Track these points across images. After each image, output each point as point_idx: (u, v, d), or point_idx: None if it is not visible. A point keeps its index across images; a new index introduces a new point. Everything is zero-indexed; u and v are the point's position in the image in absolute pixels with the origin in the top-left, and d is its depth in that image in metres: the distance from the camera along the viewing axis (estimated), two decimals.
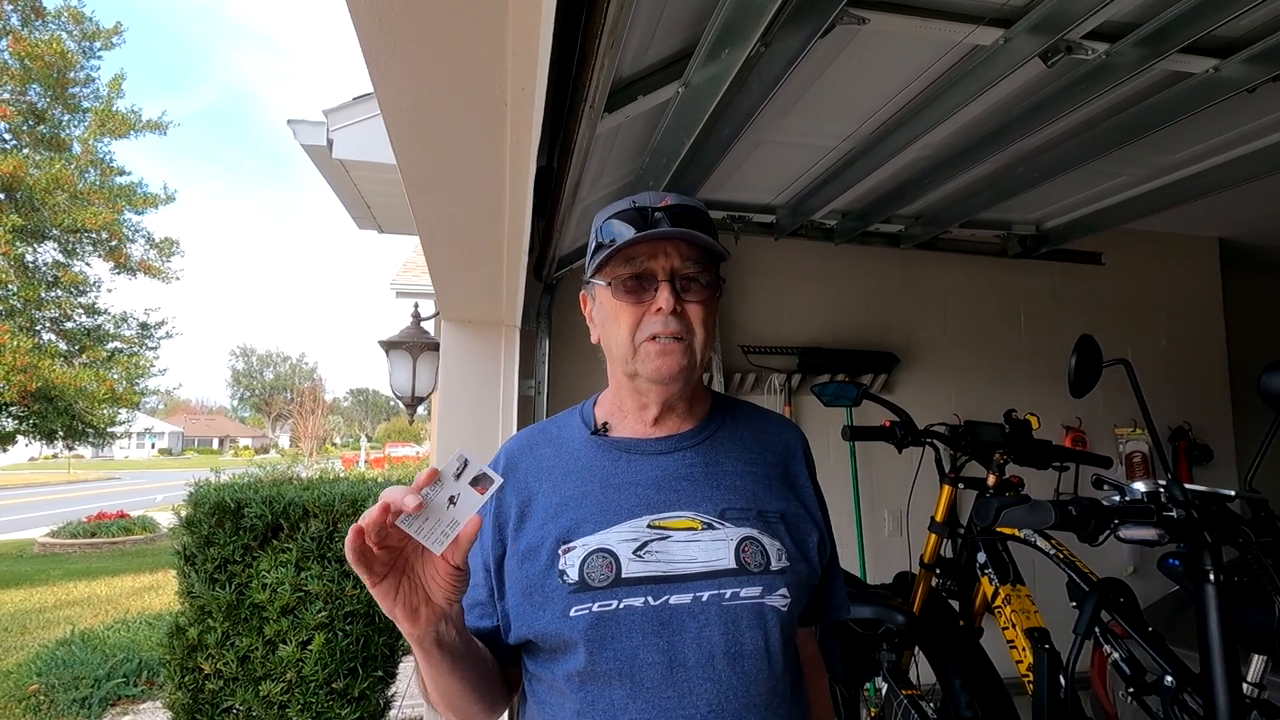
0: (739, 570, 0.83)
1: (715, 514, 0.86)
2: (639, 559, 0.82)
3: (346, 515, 2.68)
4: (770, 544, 0.86)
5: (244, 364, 67.53)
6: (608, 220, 0.90)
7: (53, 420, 11.33)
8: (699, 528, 0.85)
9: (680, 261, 0.87)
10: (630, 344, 0.88)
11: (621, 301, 0.88)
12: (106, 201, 11.99)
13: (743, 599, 0.81)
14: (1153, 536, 1.14)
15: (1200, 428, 3.75)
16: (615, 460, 0.90)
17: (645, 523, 0.84)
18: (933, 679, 1.94)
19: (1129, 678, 1.44)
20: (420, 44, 1.00)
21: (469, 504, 0.67)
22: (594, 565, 0.81)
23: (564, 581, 0.81)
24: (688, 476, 0.89)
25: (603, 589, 0.80)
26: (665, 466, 0.89)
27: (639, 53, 1.72)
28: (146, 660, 4.65)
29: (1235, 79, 1.83)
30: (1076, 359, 1.34)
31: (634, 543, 0.83)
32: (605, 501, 0.86)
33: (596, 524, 0.84)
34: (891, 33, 1.70)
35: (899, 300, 3.55)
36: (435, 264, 2.17)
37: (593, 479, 0.89)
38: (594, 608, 0.79)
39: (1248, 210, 3.46)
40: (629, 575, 0.81)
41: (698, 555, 0.83)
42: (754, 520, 0.87)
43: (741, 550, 0.84)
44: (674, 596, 0.80)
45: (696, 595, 0.81)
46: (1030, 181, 2.60)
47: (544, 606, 0.81)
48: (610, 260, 0.88)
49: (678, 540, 0.84)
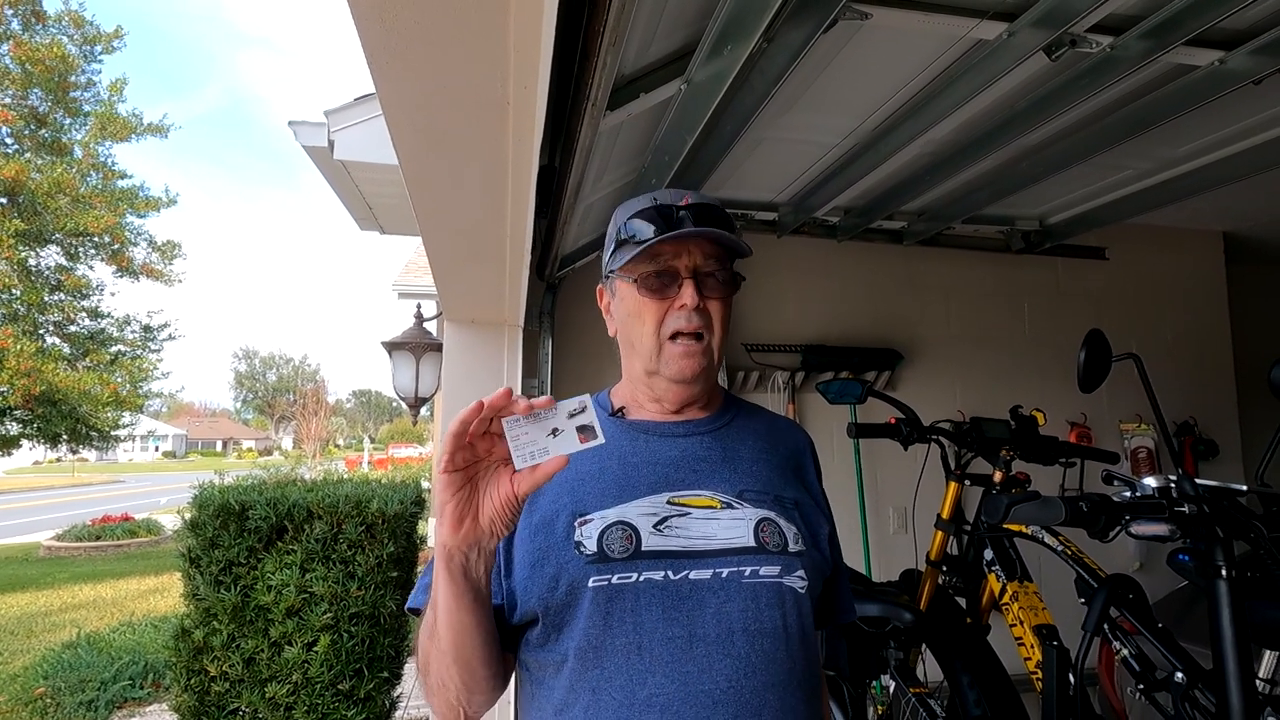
0: (758, 549, 0.84)
1: (734, 494, 0.87)
2: (659, 533, 0.82)
3: (350, 516, 2.68)
4: (787, 527, 0.87)
5: (247, 366, 67.71)
6: (630, 218, 0.91)
7: (57, 424, 11.36)
8: (718, 506, 0.86)
9: (702, 259, 0.89)
10: (655, 340, 0.89)
11: (646, 298, 0.89)
12: (108, 205, 12.00)
13: (762, 577, 0.82)
14: (1164, 532, 1.13)
15: (1206, 422, 3.74)
16: (634, 440, 0.91)
17: (665, 499, 0.85)
18: (940, 677, 1.93)
19: (1139, 674, 1.43)
20: (422, 43, 0.99)
21: (565, 444, 0.67)
22: (613, 537, 0.82)
23: (580, 553, 0.81)
24: (706, 458, 0.90)
25: (622, 561, 0.80)
26: (684, 448, 0.91)
27: (641, 50, 1.71)
28: (152, 663, 4.67)
29: (1241, 71, 1.82)
30: (1086, 354, 1.33)
31: (654, 517, 0.83)
32: (623, 477, 0.86)
33: (615, 498, 0.84)
34: (894, 27, 1.69)
35: (902, 297, 3.54)
36: (438, 264, 2.17)
37: (610, 456, 0.89)
38: (613, 580, 0.79)
39: (1252, 204, 3.44)
40: (649, 549, 0.81)
41: (718, 533, 0.84)
42: (771, 503, 0.88)
43: (760, 530, 0.85)
44: (694, 572, 0.81)
45: (716, 571, 0.81)
46: (1034, 177, 2.59)
47: (557, 578, 0.80)
48: (635, 257, 0.89)
49: (697, 518, 0.84)
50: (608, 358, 3.20)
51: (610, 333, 0.98)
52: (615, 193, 2.61)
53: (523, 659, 0.87)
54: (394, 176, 2.77)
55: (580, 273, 3.14)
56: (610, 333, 0.98)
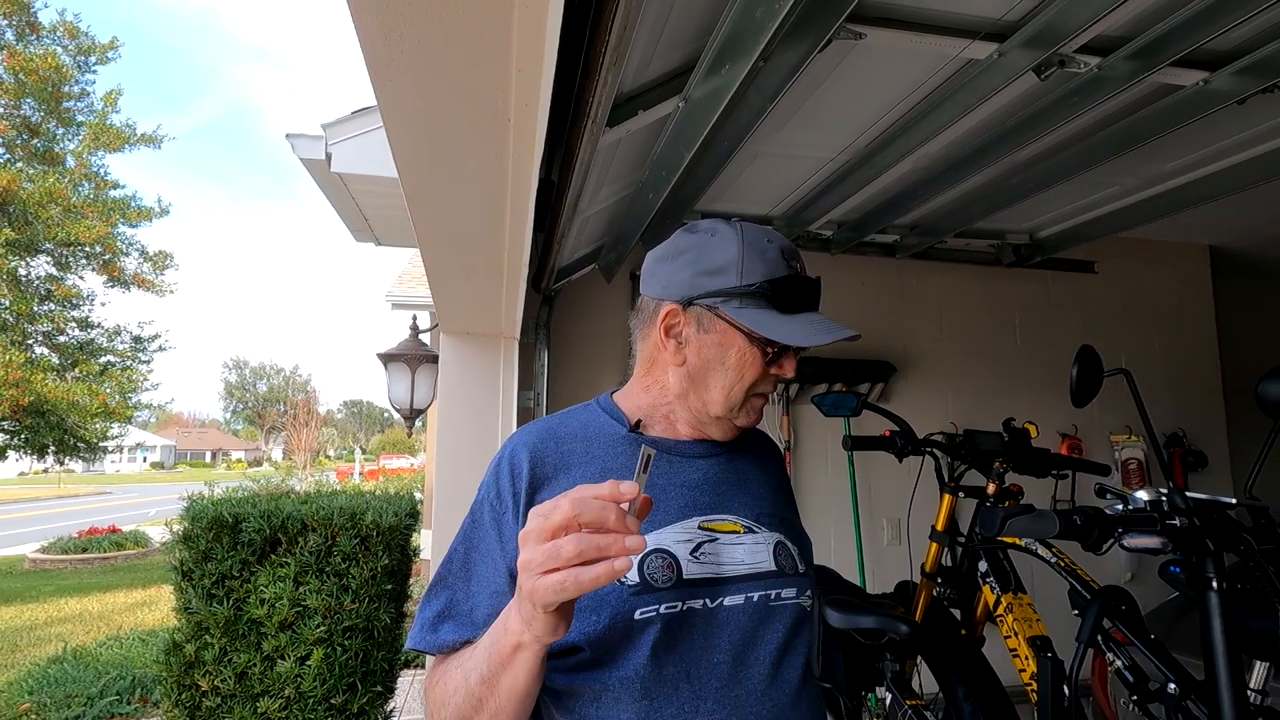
0: (778, 572, 0.86)
1: (752, 518, 0.89)
2: (696, 560, 0.82)
3: (345, 529, 2.67)
4: (793, 549, 0.90)
5: (237, 376, 67.29)
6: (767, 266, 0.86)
7: (44, 435, 11.25)
8: (740, 531, 0.87)
9: None
10: (743, 394, 0.88)
11: (755, 360, 0.86)
12: (100, 215, 11.96)
13: (785, 599, 0.85)
14: (1157, 545, 1.15)
15: (1194, 434, 3.78)
16: (656, 461, 0.87)
17: (695, 524, 0.84)
18: (936, 688, 1.94)
19: (1132, 685, 1.44)
20: (426, 60, 1.01)
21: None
22: (655, 566, 0.80)
23: (622, 583, 0.77)
24: (725, 481, 0.90)
25: (666, 590, 0.79)
26: (705, 470, 0.90)
27: (641, 68, 1.74)
28: (140, 678, 4.60)
29: (1225, 91, 1.86)
30: (1078, 369, 1.35)
31: (689, 544, 0.82)
32: (652, 501, 0.82)
33: (647, 524, 0.81)
34: (888, 47, 1.72)
35: (895, 309, 3.57)
36: (435, 276, 2.18)
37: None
38: (661, 610, 0.78)
39: (1238, 219, 3.50)
40: (690, 576, 0.80)
41: (744, 558, 0.85)
42: (780, 525, 0.91)
43: (778, 553, 0.87)
44: (728, 598, 0.81)
45: (748, 596, 0.82)
46: (1024, 192, 2.63)
47: (596, 610, 0.77)
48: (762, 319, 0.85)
49: (725, 543, 0.85)
50: (603, 370, 3.21)
51: (676, 362, 0.89)
52: (613, 206, 2.63)
53: (550, 685, 0.80)
54: (391, 189, 2.79)
55: (577, 285, 3.16)
56: (676, 362, 0.89)
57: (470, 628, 0.80)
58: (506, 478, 0.85)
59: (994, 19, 1.66)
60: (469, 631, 0.80)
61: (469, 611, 0.82)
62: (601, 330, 3.23)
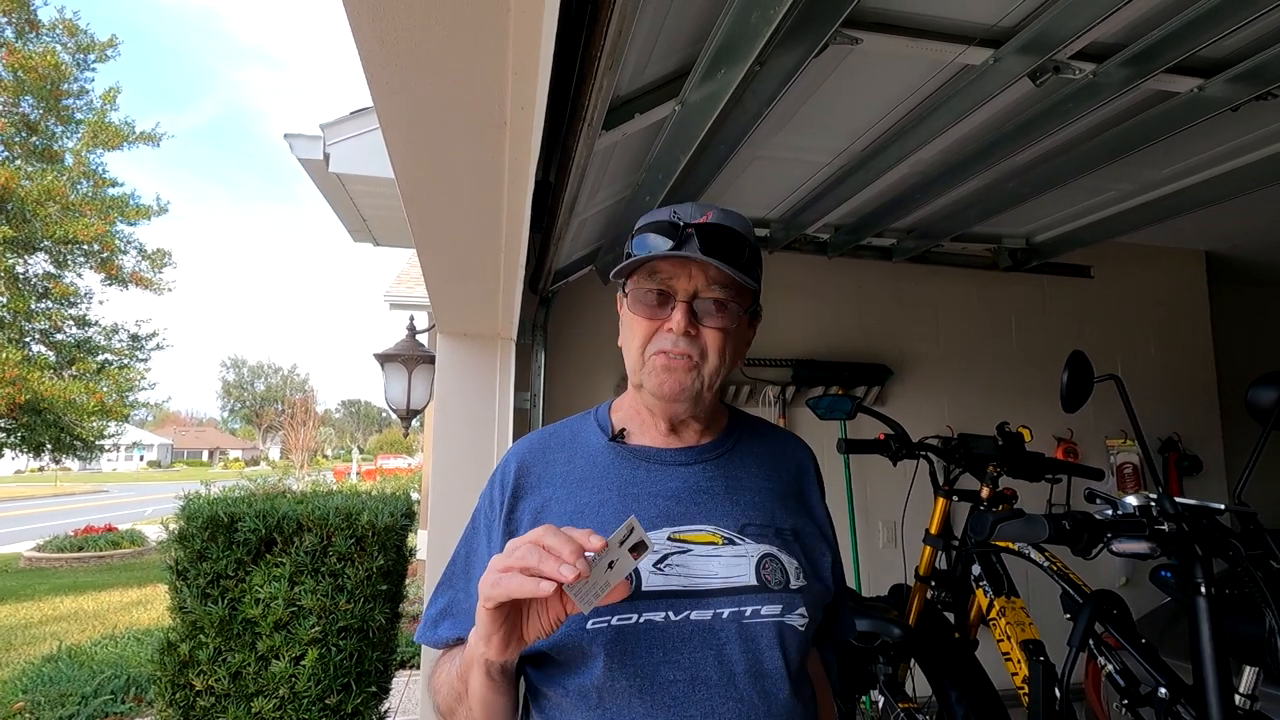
0: (760, 588, 0.81)
1: (735, 529, 0.85)
2: (659, 572, 0.80)
3: (340, 529, 2.67)
4: (789, 562, 0.84)
5: (235, 375, 67.19)
6: (642, 231, 0.87)
7: (41, 433, 11.22)
8: (719, 542, 0.83)
9: (705, 284, 0.84)
10: (640, 356, 0.87)
11: (636, 314, 0.87)
12: (98, 213, 11.93)
13: (763, 617, 0.80)
14: (1145, 550, 1.15)
15: (1189, 438, 3.79)
16: (634, 469, 0.88)
17: (665, 535, 0.82)
18: (929, 692, 1.94)
19: (1123, 689, 1.45)
20: (422, 62, 1.01)
21: (623, 568, 0.66)
22: None
23: None
24: (708, 490, 0.87)
25: (621, 601, 0.77)
26: (685, 478, 0.88)
27: (637, 72, 1.74)
28: (135, 677, 4.59)
29: (1219, 98, 1.87)
30: (1068, 375, 1.36)
31: (654, 555, 0.81)
32: (623, 510, 0.83)
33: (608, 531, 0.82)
34: (884, 52, 1.73)
35: (891, 313, 3.58)
36: (432, 278, 2.18)
37: (610, 487, 0.86)
38: (613, 620, 0.77)
39: (1232, 224, 3.51)
40: (650, 589, 0.79)
41: (719, 570, 0.81)
42: (773, 537, 0.86)
43: (762, 567, 0.82)
44: (695, 613, 0.79)
45: (717, 612, 0.79)
46: (1020, 197, 2.64)
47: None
48: (635, 271, 0.86)
49: (698, 554, 0.82)
50: (600, 371, 3.22)
51: (619, 342, 0.94)
52: (609, 208, 2.64)
53: (531, 683, 0.85)
54: (389, 189, 2.79)
55: (573, 286, 3.17)
56: (619, 342, 0.94)
57: (467, 626, 0.83)
58: (497, 487, 0.91)
59: (989, 25, 1.67)
60: (466, 629, 0.82)
61: (468, 611, 0.86)
62: (598, 332, 3.23)
